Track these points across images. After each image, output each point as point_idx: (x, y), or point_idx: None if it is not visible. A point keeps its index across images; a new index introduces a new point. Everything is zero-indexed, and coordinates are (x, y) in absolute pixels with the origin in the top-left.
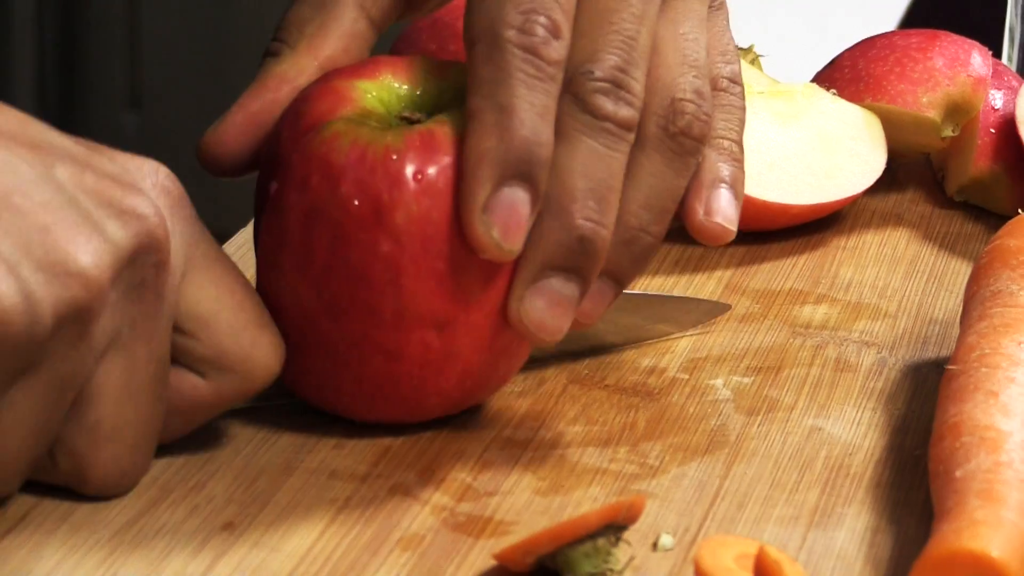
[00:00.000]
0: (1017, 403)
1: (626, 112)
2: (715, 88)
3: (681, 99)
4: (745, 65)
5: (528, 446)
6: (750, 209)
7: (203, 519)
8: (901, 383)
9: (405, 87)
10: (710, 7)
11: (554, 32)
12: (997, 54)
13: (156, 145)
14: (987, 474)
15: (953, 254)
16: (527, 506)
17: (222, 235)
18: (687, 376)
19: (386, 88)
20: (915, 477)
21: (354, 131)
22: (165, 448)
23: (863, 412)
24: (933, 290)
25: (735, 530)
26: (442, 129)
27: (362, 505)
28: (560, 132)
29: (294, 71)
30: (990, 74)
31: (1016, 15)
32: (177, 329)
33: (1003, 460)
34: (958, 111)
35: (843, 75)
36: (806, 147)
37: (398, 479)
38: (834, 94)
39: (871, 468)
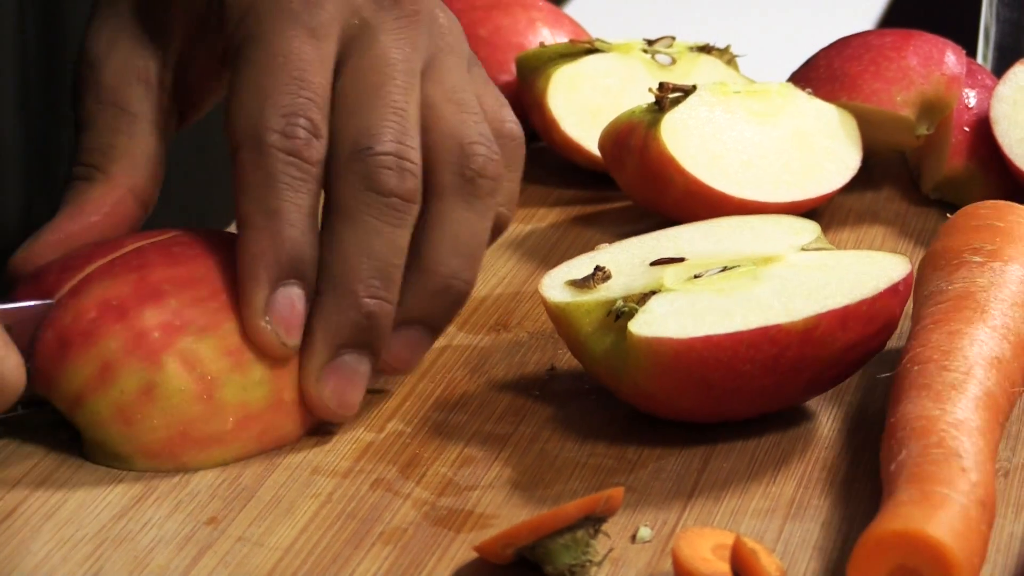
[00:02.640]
0: (949, 387)
1: (411, 183)
2: (499, 135)
3: (470, 143)
4: (721, 65)
5: (508, 441)
6: (728, 207)
7: (187, 514)
8: (877, 378)
9: None
10: (468, 64)
11: (315, 132)
12: (972, 53)
13: None
14: (916, 458)
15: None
16: (507, 500)
17: None
18: None
19: None
20: None
21: None
22: None
23: (839, 407)
24: None
25: (712, 522)
26: None
27: (344, 500)
28: (342, 211)
29: (110, 197)
30: (964, 73)
31: (991, 15)
32: None
33: (931, 441)
34: (932, 109)
35: (819, 74)
36: (782, 146)
37: (380, 474)
38: (810, 93)
39: (847, 461)
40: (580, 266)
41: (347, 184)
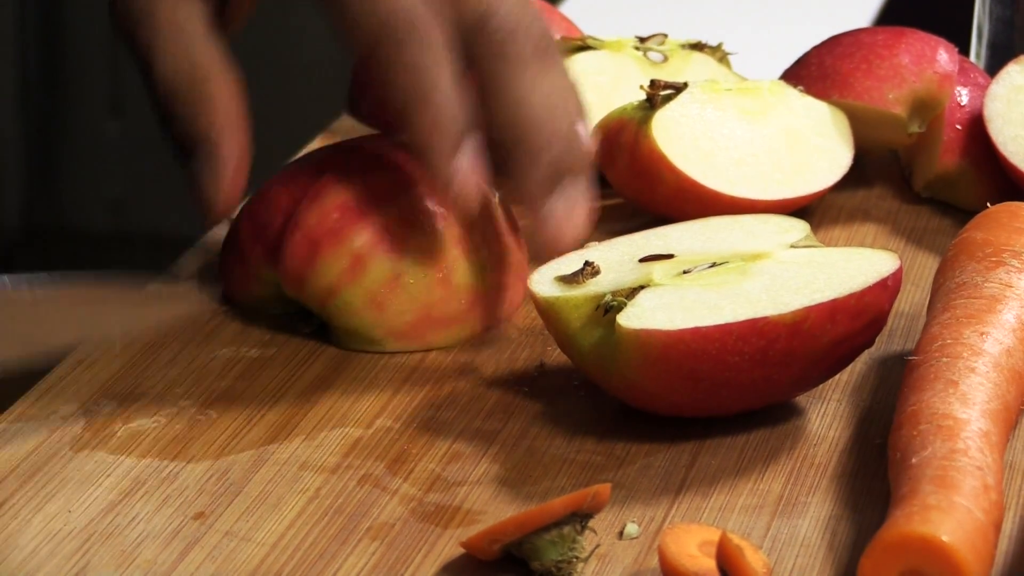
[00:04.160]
0: (976, 392)
1: (533, 46)
2: None
3: (539, 25)
4: (713, 63)
5: (496, 437)
6: (718, 205)
7: (175, 509)
8: (867, 375)
9: None
10: None
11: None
12: (965, 51)
13: (138, 152)
14: (942, 460)
15: (919, 249)
16: (495, 496)
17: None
18: None
19: None
20: (879, 466)
21: None
22: (138, 440)
23: (828, 403)
24: None
25: (700, 519)
26: None
27: (332, 496)
28: (493, 74)
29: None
30: (956, 71)
31: (984, 12)
32: None
33: (959, 447)
34: (924, 107)
35: (810, 72)
36: (774, 143)
37: (368, 470)
38: (801, 91)
39: (835, 458)
40: (569, 263)
41: (484, 53)
